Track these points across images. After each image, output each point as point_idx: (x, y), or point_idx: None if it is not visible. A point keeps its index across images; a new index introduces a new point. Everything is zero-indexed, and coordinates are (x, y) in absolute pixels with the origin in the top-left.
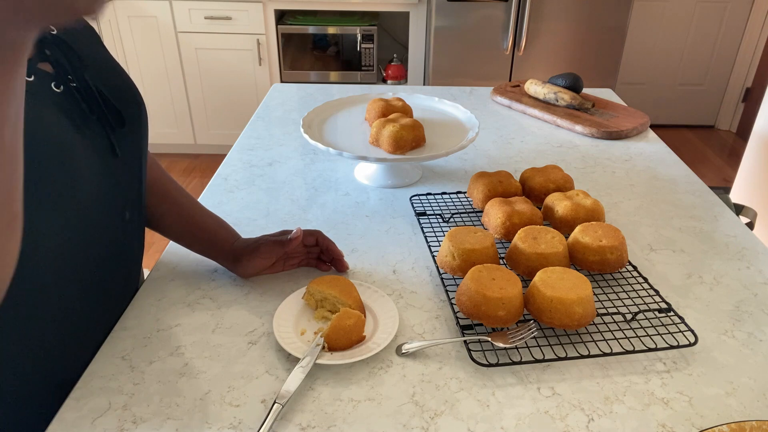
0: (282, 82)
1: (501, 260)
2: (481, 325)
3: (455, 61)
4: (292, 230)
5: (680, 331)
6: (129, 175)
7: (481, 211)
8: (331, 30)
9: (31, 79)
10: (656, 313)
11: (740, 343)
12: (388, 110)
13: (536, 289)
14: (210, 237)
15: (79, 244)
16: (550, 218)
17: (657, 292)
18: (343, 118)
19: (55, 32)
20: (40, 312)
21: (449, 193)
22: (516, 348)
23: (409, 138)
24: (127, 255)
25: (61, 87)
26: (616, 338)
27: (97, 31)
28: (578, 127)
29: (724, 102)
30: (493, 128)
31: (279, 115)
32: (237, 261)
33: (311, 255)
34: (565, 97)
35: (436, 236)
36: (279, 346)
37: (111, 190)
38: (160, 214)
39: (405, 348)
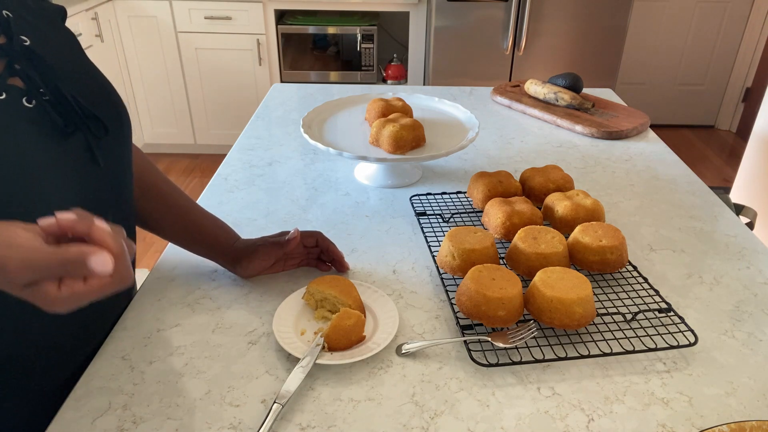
0: (282, 82)
1: (501, 260)
2: (481, 325)
3: (455, 61)
4: (291, 231)
5: (680, 331)
6: (111, 182)
7: (481, 211)
8: (331, 30)
9: (2, 96)
10: (656, 313)
11: (740, 343)
12: (388, 110)
13: (536, 289)
14: (209, 239)
15: None
16: (550, 218)
17: (657, 292)
18: (343, 118)
19: (28, 43)
20: (23, 319)
21: (449, 193)
22: (516, 348)
23: (409, 138)
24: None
25: (33, 102)
26: (616, 338)
27: (99, 32)
28: (578, 127)
29: (724, 102)
30: (493, 128)
31: (279, 115)
32: (236, 262)
33: (311, 255)
34: (565, 97)
35: (436, 236)
36: (279, 346)
37: (91, 198)
38: (158, 217)
39: (405, 348)
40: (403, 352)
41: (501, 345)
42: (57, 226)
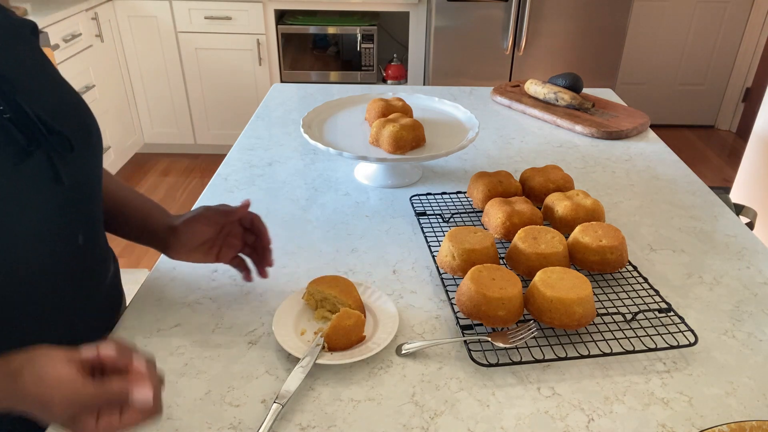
0: (282, 82)
1: (501, 260)
2: (481, 325)
3: (455, 61)
4: (244, 209)
5: (680, 331)
6: (80, 200)
7: (481, 211)
8: (331, 30)
9: None
10: (656, 313)
11: (740, 343)
12: (388, 110)
13: (536, 289)
14: (143, 217)
15: (29, 273)
16: (550, 218)
17: (657, 292)
18: (343, 118)
19: None
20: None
21: (449, 193)
22: (516, 348)
23: (409, 138)
24: (87, 278)
25: None
26: (616, 338)
27: (99, 32)
28: (578, 127)
29: (724, 102)
30: (493, 128)
31: (279, 115)
32: (172, 233)
33: (246, 248)
34: (565, 97)
35: (436, 236)
36: (279, 346)
37: (56, 218)
38: None
39: (405, 348)
40: (403, 352)
41: (501, 345)
42: (98, 359)
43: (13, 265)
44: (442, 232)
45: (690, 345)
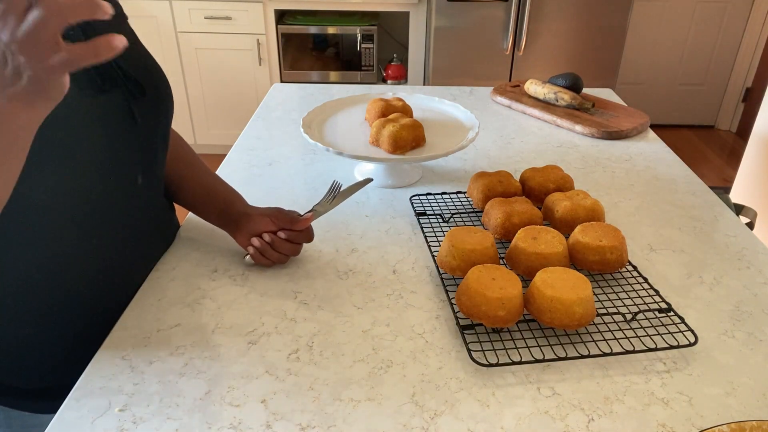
0: (282, 82)
1: (501, 260)
2: (481, 325)
3: (455, 61)
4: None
5: (680, 331)
6: (145, 142)
7: (481, 211)
8: (331, 30)
9: None
10: (656, 313)
11: (740, 343)
12: (388, 110)
13: (536, 289)
14: (227, 203)
15: (79, 200)
16: (550, 218)
17: (657, 292)
18: (343, 118)
19: None
20: (70, 252)
21: (449, 193)
22: (516, 348)
23: (409, 138)
24: (141, 217)
25: None
26: (616, 338)
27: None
28: (578, 127)
29: (724, 102)
30: (493, 128)
31: (279, 115)
32: (248, 219)
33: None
34: (565, 97)
35: (436, 236)
36: (279, 346)
37: (120, 153)
38: (179, 179)
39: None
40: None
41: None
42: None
43: (74, 192)
44: (442, 232)
45: (690, 345)
